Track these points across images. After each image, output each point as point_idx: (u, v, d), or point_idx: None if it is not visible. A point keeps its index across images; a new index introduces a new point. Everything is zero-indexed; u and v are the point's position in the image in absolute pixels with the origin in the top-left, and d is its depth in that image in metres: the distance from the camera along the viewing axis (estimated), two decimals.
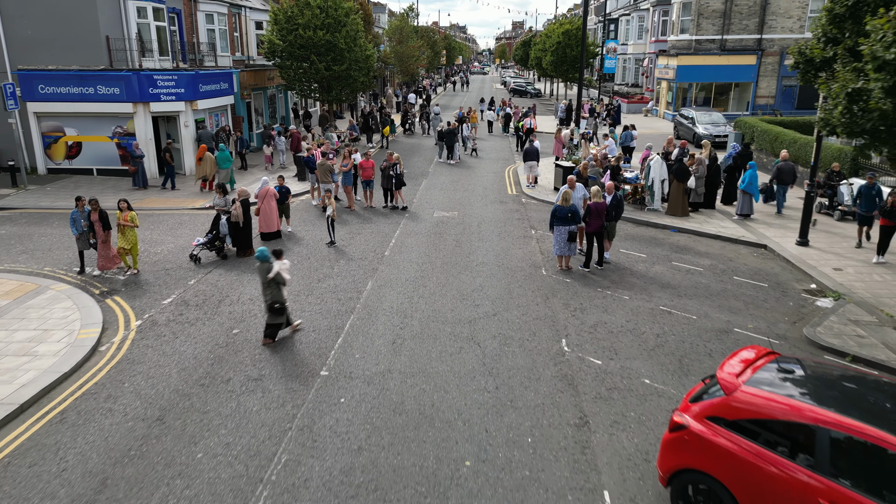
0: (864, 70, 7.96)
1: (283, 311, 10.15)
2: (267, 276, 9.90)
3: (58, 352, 9.84)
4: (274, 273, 9.89)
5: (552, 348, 10.05)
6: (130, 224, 13.29)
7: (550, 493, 6.70)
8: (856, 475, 5.22)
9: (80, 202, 13.30)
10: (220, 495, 6.65)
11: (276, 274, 9.91)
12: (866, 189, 14.54)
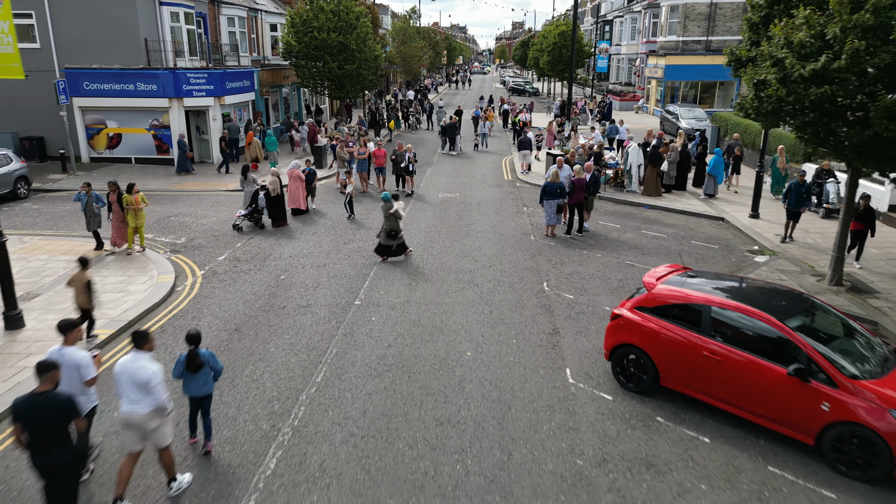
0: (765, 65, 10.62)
1: (396, 237, 13.94)
2: (388, 212, 13.72)
3: (145, 290, 12.50)
4: (393, 210, 13.59)
5: (535, 288, 12.71)
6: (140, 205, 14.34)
7: (528, 370, 9.36)
8: (725, 334, 7.89)
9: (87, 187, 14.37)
10: (292, 370, 9.32)
11: (395, 210, 13.61)
12: (796, 186, 14.99)
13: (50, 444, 5.60)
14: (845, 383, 6.98)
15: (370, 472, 7.00)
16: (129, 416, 6.29)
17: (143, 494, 6.70)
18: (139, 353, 6.43)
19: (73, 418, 5.65)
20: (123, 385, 6.30)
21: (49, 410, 5.54)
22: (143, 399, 6.25)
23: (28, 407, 5.56)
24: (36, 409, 5.54)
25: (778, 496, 6.70)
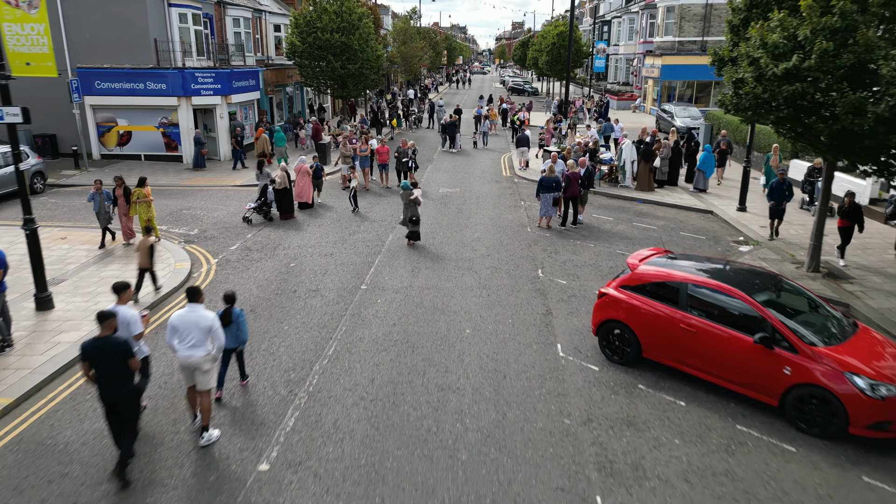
0: (743, 65, 11.43)
1: (418, 222, 15.25)
2: (409, 199, 14.94)
3: (164, 276, 13.28)
4: (413, 196, 14.77)
5: (530, 274, 13.52)
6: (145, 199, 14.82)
7: (522, 345, 10.17)
8: (699, 308, 8.69)
9: (98, 184, 14.84)
10: (305, 345, 10.13)
11: (415, 197, 14.78)
12: (778, 185, 15.27)
13: (112, 378, 6.63)
14: (805, 350, 7.78)
15: (379, 429, 7.81)
16: (186, 360, 7.37)
17: (177, 447, 7.50)
18: (195, 305, 7.47)
19: (129, 358, 6.64)
20: (184, 332, 7.34)
21: (109, 351, 6.56)
22: (205, 343, 7.35)
23: (93, 348, 6.61)
24: (99, 349, 6.58)
25: (743, 449, 7.50)
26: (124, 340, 6.70)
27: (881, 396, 7.34)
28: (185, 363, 7.42)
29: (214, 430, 7.67)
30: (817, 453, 7.46)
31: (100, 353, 6.59)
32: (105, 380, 6.65)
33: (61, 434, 7.79)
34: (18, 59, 10.44)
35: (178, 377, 8.67)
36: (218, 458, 7.28)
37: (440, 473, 6.99)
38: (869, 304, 11.82)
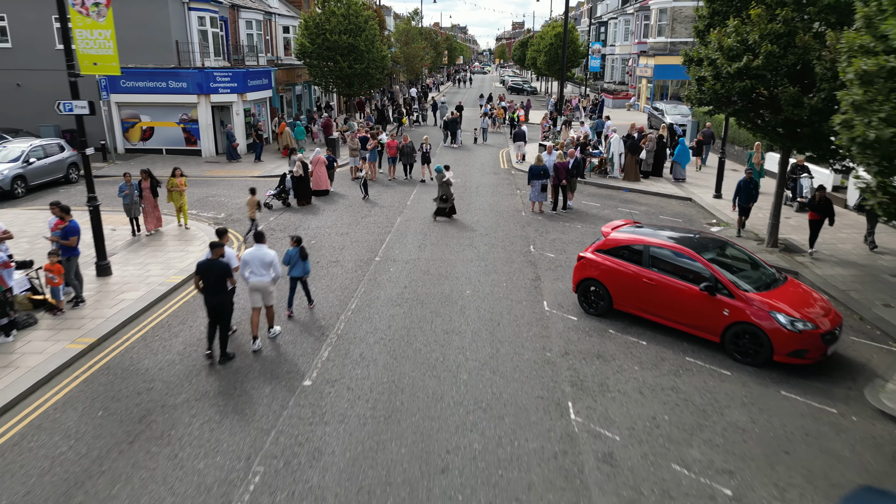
0: (704, 64, 13.28)
1: (447, 200, 17.70)
2: (442, 181, 17.51)
3: (200, 251, 15.14)
4: (446, 178, 17.19)
5: (523, 249, 15.38)
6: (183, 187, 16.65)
7: (513, 302, 12.03)
8: (659, 266, 10.55)
9: (127, 176, 15.91)
10: (331, 302, 12.00)
11: (447, 179, 17.20)
12: (745, 183, 15.73)
13: (215, 289, 9.21)
14: (740, 295, 9.64)
15: (397, 358, 9.68)
16: (256, 284, 9.88)
17: (239, 348, 9.38)
18: (260, 245, 9.80)
19: (228, 276, 9.16)
20: (253, 265, 9.68)
21: (215, 269, 9.14)
22: (267, 273, 9.70)
23: (204, 266, 9.32)
24: (208, 268, 9.28)
25: (688, 373, 9.36)
26: (226, 263, 9.28)
27: (799, 330, 9.20)
28: (254, 286, 9.89)
29: (277, 327, 10.63)
30: (747, 376, 9.32)
31: (209, 270, 9.22)
32: (210, 290, 9.23)
33: (140, 363, 9.67)
34: (87, 59, 12.30)
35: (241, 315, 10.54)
36: (270, 377, 9.16)
37: (446, 387, 8.86)
38: (815, 272, 13.68)
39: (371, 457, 7.32)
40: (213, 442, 7.61)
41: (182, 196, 16.97)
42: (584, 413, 8.26)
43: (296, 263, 11.02)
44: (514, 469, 7.12)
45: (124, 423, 8.03)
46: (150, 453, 7.41)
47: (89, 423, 8.06)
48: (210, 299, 9.30)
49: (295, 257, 10.97)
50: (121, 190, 16.08)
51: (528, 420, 8.09)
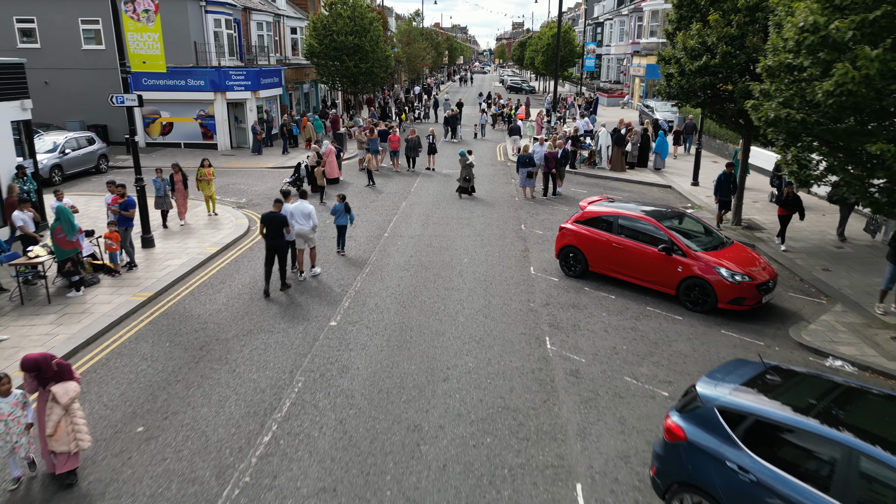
0: (671, 62, 15.24)
1: (469, 181, 20.49)
2: (465, 163, 20.01)
3: (230, 229, 17.11)
4: (469, 161, 19.55)
5: (515, 227, 17.34)
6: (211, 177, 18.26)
7: (505, 267, 13.98)
8: (626, 232, 12.51)
9: (159, 172, 16.90)
10: (348, 268, 13.95)
11: (470, 162, 19.54)
12: (725, 177, 16.42)
13: (275, 234, 12.07)
14: (692, 254, 11.59)
15: (405, 307, 11.65)
16: (299, 231, 12.77)
17: (275, 314, 11.34)
18: (302, 201, 12.38)
19: (285, 226, 11.79)
20: (297, 216, 12.29)
21: (276, 219, 11.95)
22: (307, 223, 12.28)
23: (268, 216, 12.16)
24: (271, 218, 12.11)
25: (647, 318, 11.31)
26: (284, 215, 12.23)
27: (737, 281, 11.15)
28: (298, 233, 12.85)
29: (318, 268, 13.58)
30: (695, 320, 11.27)
31: (271, 220, 12.08)
32: (271, 235, 12.07)
33: (193, 311, 11.64)
34: (137, 59, 14.25)
35: None
36: (302, 319, 11.13)
37: (447, 326, 10.83)
38: (770, 245, 15.63)
39: (387, 371, 9.29)
40: (262, 362, 9.58)
41: (210, 185, 18.85)
42: (557, 344, 10.23)
43: (341, 215, 14.42)
44: (500, 379, 9.09)
45: (188, 350, 10.00)
46: (213, 369, 9.38)
47: (160, 350, 10.03)
48: (271, 242, 12.12)
49: (340, 210, 14.39)
50: (155, 182, 17.15)
51: (513, 348, 10.05)
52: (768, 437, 5.56)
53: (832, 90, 7.56)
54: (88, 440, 6.87)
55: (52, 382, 6.68)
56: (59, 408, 6.60)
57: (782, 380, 6.15)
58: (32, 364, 6.61)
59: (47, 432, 6.58)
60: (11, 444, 6.53)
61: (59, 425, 6.59)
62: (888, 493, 4.89)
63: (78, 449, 6.74)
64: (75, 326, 10.73)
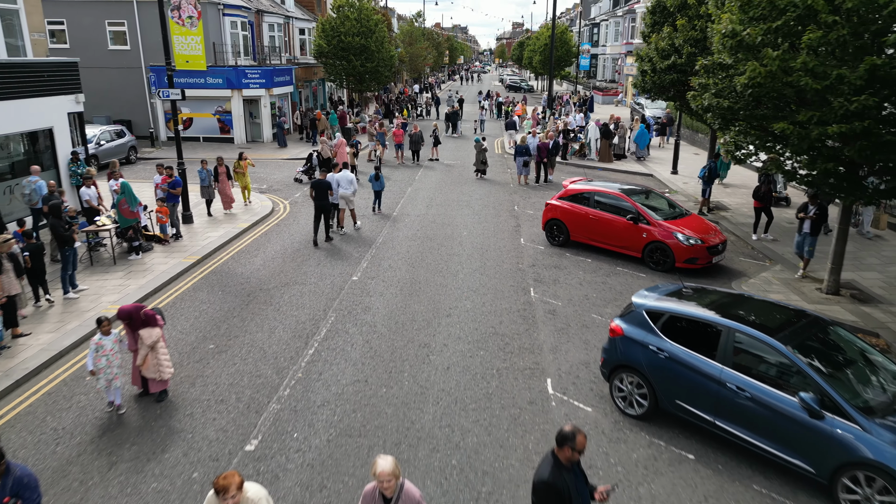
0: (645, 61, 17.46)
1: (485, 164, 23.54)
2: (481, 149, 23.26)
3: (261, 207, 19.34)
4: (483, 147, 22.43)
5: (509, 208, 19.58)
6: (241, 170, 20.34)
7: (499, 239, 16.22)
8: (601, 205, 14.75)
9: (204, 163, 18.44)
10: (364, 239, 16.19)
11: (485, 147, 22.36)
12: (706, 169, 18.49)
13: (322, 197, 14.71)
14: (654, 222, 13.82)
15: (414, 267, 13.89)
16: (342, 194, 15.73)
17: (307, 271, 13.59)
18: (344, 170, 15.05)
19: (329, 189, 14.30)
20: (341, 182, 15.27)
21: (322, 184, 15.36)
22: (349, 187, 15.12)
23: (316, 183, 15.39)
24: (318, 183, 15.49)
25: (616, 275, 13.54)
26: (329, 181, 15.48)
27: (691, 244, 13.38)
28: (341, 196, 16.14)
29: (359, 222, 17.20)
30: (656, 276, 13.50)
31: (318, 185, 15.27)
32: (318, 197, 15.21)
33: (235, 270, 13.88)
34: (181, 58, 16.47)
35: None
36: (329, 274, 13.37)
37: (449, 280, 13.07)
38: (732, 221, 17.85)
39: (401, 309, 11.54)
40: (299, 304, 11.83)
41: (246, 176, 21.02)
42: (539, 293, 12.47)
43: (375, 182, 18.39)
44: (492, 315, 11.33)
45: (238, 297, 12.25)
46: (261, 309, 11.62)
47: (214, 297, 12.28)
48: (318, 203, 15.38)
49: (373, 178, 18.42)
50: (200, 173, 18.46)
51: (503, 296, 12.29)
52: (677, 327, 7.80)
53: (747, 83, 9.78)
54: (170, 371, 8.56)
55: (141, 328, 8.41)
56: (145, 346, 8.43)
57: (692, 293, 8.41)
58: (126, 314, 8.48)
59: (138, 363, 8.38)
60: (112, 375, 8.23)
61: (147, 358, 8.37)
62: (750, 354, 7.15)
63: (161, 377, 8.49)
64: (142, 280, 12.98)
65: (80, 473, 7.05)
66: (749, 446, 7.06)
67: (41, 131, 17.00)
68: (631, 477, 7.00)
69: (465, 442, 7.60)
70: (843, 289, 12.36)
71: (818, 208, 12.46)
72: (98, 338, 8.11)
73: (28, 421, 8.12)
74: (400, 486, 4.79)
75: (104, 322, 8.23)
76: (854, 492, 6.31)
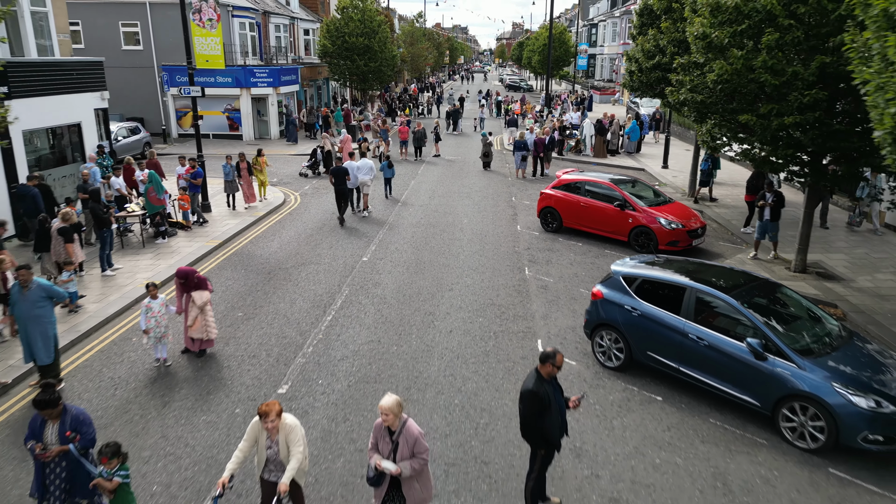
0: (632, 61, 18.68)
1: (490, 156, 25.45)
2: (486, 142, 25.31)
3: (272, 200, 20.57)
4: (489, 141, 24.18)
5: (507, 199, 20.81)
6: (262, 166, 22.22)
7: (497, 226, 17.46)
8: (591, 194, 15.99)
9: (229, 158, 20.13)
10: (371, 226, 17.43)
11: (490, 141, 23.88)
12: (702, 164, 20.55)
13: (340, 183, 16.54)
14: (640, 209, 15.05)
15: (419, 250, 15.13)
16: (363, 180, 17.49)
17: (323, 251, 14.83)
18: (364, 159, 16.54)
19: (347, 175, 15.94)
20: (363, 169, 17.01)
21: (340, 171, 16.59)
22: (369, 174, 16.62)
23: (335, 169, 17.28)
24: (337, 170, 17.37)
25: (605, 256, 14.76)
26: (346, 167, 16.16)
27: (672, 228, 14.61)
28: (363, 181, 17.91)
29: (371, 209, 18.80)
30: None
31: (337, 172, 17.14)
32: (338, 182, 16.93)
33: (255, 252, 15.11)
34: (202, 58, 17.71)
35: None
36: (341, 256, 14.61)
37: (451, 261, 14.31)
38: (714, 210, 19.09)
39: (408, 285, 12.78)
40: (316, 280, 13.07)
41: (263, 172, 22.19)
42: (533, 271, 13.71)
43: (386, 170, 20.20)
44: (490, 289, 12.57)
45: (260, 274, 13.49)
46: (281, 284, 12.86)
47: (238, 274, 13.52)
48: (337, 188, 17.16)
49: (385, 167, 20.14)
50: (224, 168, 19.13)
51: (500, 273, 13.53)
52: (648, 289, 9.05)
53: (716, 79, 11.01)
54: (215, 332, 9.81)
55: (194, 289, 9.75)
56: (195, 307, 9.65)
57: (662, 261, 9.65)
58: (183, 273, 9.75)
59: (188, 323, 9.71)
60: (161, 333, 9.45)
61: (197, 319, 9.65)
62: (708, 309, 8.41)
63: (208, 337, 9.74)
64: (171, 259, 14.22)
65: (139, 410, 8.29)
66: (707, 387, 8.30)
67: (71, 126, 18.23)
68: (607, 413, 8.24)
69: (466, 387, 8.84)
70: (810, 268, 13.59)
71: (775, 196, 13.67)
72: (147, 301, 9.34)
73: (87, 372, 9.36)
74: (403, 422, 5.49)
75: (152, 287, 9.46)
76: (791, 420, 7.55)
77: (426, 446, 5.48)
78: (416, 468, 5.42)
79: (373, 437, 5.62)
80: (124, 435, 7.68)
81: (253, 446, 5.73)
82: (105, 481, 5.59)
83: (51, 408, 5.77)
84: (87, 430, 5.96)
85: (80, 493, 5.94)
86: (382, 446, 5.52)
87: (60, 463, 5.86)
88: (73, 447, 5.82)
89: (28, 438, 5.85)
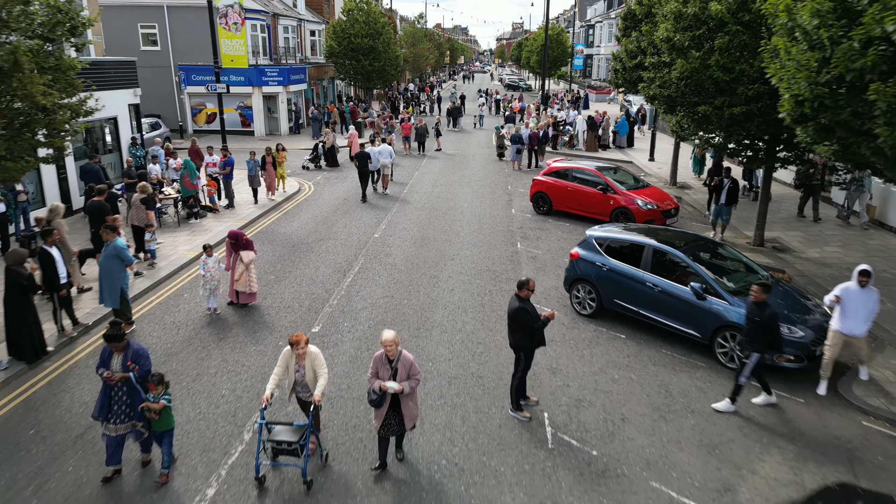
0: (617, 60, 20.59)
1: (504, 148, 27.22)
2: (499, 135, 28.06)
3: (289, 188, 22.47)
4: (501, 133, 26.15)
5: (504, 188, 22.74)
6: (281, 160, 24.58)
7: (494, 209, 19.37)
8: (578, 179, 17.91)
9: (252, 154, 23.84)
10: (381, 210, 19.35)
11: (502, 133, 26.08)
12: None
13: (363, 165, 19.10)
14: (620, 192, 16.97)
15: (424, 229, 17.05)
16: (384, 163, 20.35)
17: (336, 230, 16.75)
18: (384, 144, 19.08)
19: (368, 159, 18.08)
20: (383, 154, 19.54)
21: (363, 155, 18.96)
22: (389, 157, 19.33)
23: (358, 153, 19.56)
24: (360, 154, 19.91)
25: None
26: (367, 152, 18.55)
27: (648, 208, 16.53)
28: (384, 164, 19.73)
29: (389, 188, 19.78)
30: None
31: (360, 156, 19.34)
32: (361, 164, 19.79)
33: (279, 231, 17.03)
34: (227, 58, 19.64)
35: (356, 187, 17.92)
36: (354, 233, 16.53)
37: (452, 237, 16.24)
38: (692, 196, 21.01)
39: (415, 256, 14.71)
40: (335, 251, 15.00)
41: (282, 166, 24.02)
42: (524, 245, 15.64)
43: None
44: (487, 259, 14.50)
45: (284, 248, 15.41)
46: (304, 255, 14.79)
47: (265, 248, 15.44)
48: (360, 170, 19.78)
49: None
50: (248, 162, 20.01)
51: (496, 247, 15.47)
52: (615, 248, 10.98)
53: (678, 76, 12.92)
54: (257, 287, 11.74)
55: (242, 249, 11.66)
56: (241, 264, 11.60)
57: (627, 228, 11.60)
58: (234, 234, 11.67)
59: (235, 278, 11.65)
60: (214, 286, 11.39)
61: (242, 275, 11.60)
62: (662, 262, 10.34)
63: (251, 290, 11.63)
64: (206, 236, 16.15)
65: (200, 343, 10.22)
66: (661, 325, 10.23)
67: (108, 119, 20.17)
68: (579, 346, 10.16)
69: (465, 328, 10.77)
70: (767, 242, 15.51)
71: (731, 181, 15.57)
72: (204, 257, 11.30)
73: (151, 318, 11.28)
74: (399, 352, 6.77)
75: (208, 248, 11.45)
76: (724, 346, 9.47)
77: (419, 370, 7.02)
78: (412, 386, 6.81)
79: (373, 367, 6.86)
80: (192, 360, 9.61)
81: (285, 371, 6.99)
82: (153, 403, 6.79)
83: (117, 341, 6.82)
84: (145, 362, 6.98)
85: (137, 416, 6.93)
86: (382, 373, 6.75)
87: (122, 388, 6.88)
88: (132, 375, 6.84)
89: (99, 366, 6.90)
